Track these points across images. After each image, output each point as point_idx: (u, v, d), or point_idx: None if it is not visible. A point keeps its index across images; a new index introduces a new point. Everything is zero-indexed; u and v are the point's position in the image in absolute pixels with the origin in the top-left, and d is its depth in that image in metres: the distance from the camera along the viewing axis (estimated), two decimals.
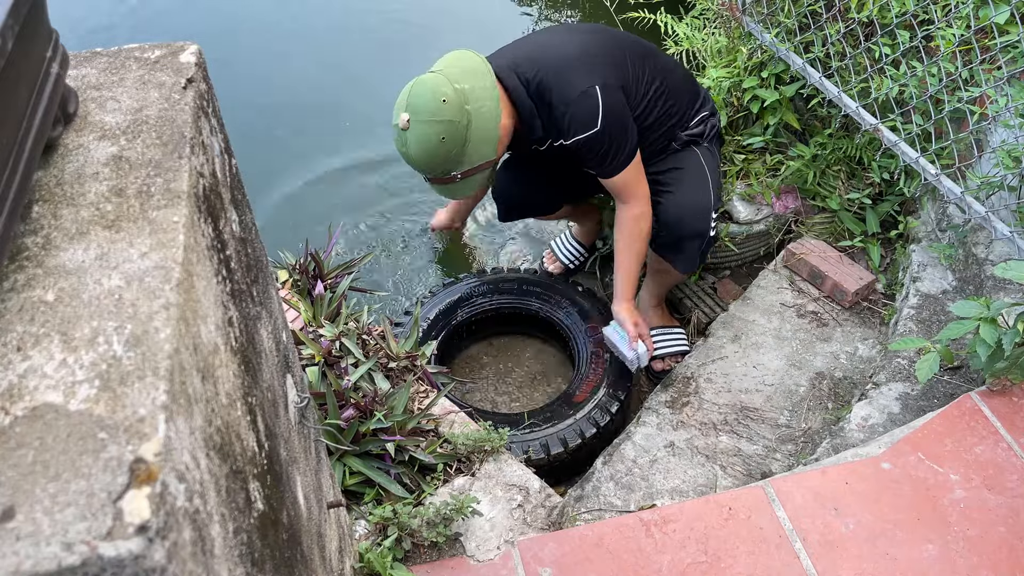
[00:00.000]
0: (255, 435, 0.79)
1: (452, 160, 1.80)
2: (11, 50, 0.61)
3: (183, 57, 0.82)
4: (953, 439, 1.59)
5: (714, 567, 1.44)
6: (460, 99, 1.76)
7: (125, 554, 0.49)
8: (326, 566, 1.12)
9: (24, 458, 0.52)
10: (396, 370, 1.81)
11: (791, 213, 2.42)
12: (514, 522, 1.57)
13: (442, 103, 1.74)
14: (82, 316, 0.60)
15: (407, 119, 1.75)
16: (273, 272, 1.80)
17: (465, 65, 1.81)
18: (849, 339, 2.11)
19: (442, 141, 1.76)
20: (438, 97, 1.74)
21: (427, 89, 1.76)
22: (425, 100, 1.75)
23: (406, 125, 1.76)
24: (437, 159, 1.79)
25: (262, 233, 1.01)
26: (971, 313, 1.58)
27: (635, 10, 2.85)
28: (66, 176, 0.71)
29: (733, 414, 1.97)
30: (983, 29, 1.94)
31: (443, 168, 1.81)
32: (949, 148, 1.98)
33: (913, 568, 1.41)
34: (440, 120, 1.75)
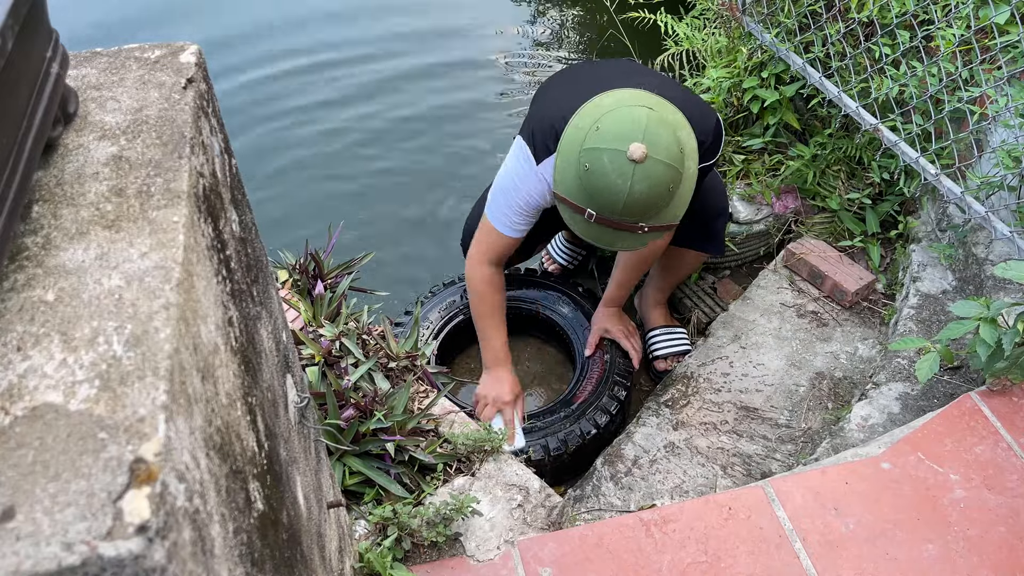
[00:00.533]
0: (255, 435, 0.79)
1: (658, 211, 1.61)
2: (11, 50, 0.61)
3: (183, 57, 0.82)
4: (953, 439, 1.59)
5: (714, 567, 1.44)
6: (684, 152, 1.62)
7: (125, 554, 0.49)
8: (326, 566, 1.12)
9: (24, 458, 0.52)
10: (396, 370, 1.81)
11: (791, 213, 2.42)
12: (514, 522, 1.57)
13: (679, 151, 1.59)
14: (82, 316, 0.60)
15: (645, 152, 1.53)
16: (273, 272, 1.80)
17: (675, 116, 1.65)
18: (849, 339, 2.11)
19: (669, 190, 1.59)
20: (677, 143, 1.59)
21: (667, 130, 1.57)
22: (667, 142, 1.56)
23: (643, 158, 1.53)
24: (654, 205, 1.60)
25: (262, 233, 1.01)
26: (971, 313, 1.58)
27: (635, 10, 2.85)
28: (66, 176, 0.71)
29: (733, 414, 1.97)
30: (983, 29, 1.94)
31: (645, 216, 1.61)
32: (949, 148, 1.98)
33: (913, 568, 1.41)
34: (675, 167, 1.57)
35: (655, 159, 1.54)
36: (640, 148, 1.53)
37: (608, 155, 1.55)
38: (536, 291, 2.35)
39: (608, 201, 1.58)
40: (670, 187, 1.58)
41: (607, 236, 1.66)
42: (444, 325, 2.27)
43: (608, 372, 2.15)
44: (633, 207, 1.58)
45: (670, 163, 1.56)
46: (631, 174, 1.54)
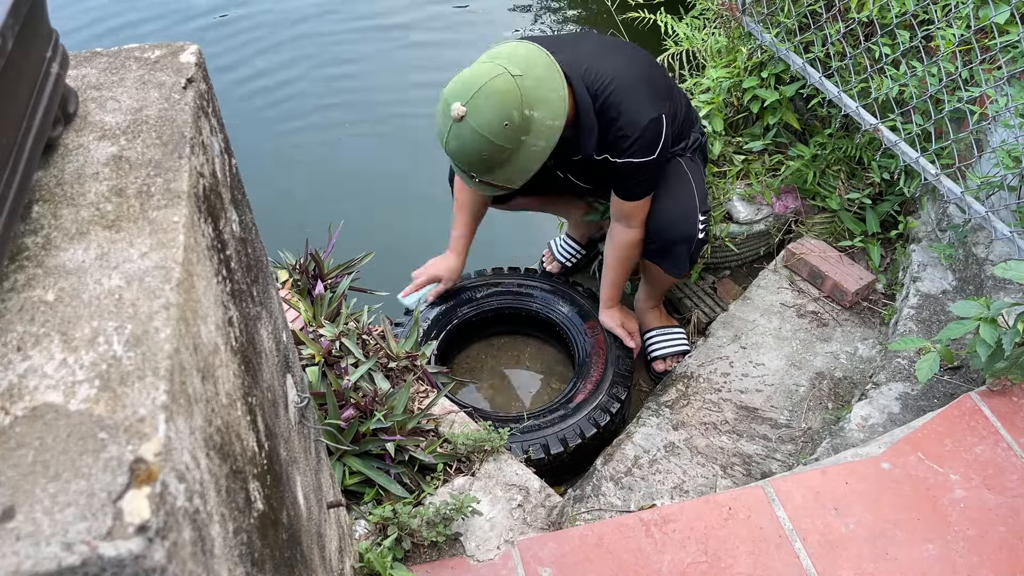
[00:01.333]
0: (255, 435, 0.79)
1: (480, 169, 1.75)
2: (11, 50, 0.61)
3: (183, 57, 0.82)
4: (953, 439, 1.59)
5: (714, 567, 1.44)
6: (522, 128, 1.69)
7: (125, 554, 0.49)
8: (326, 566, 1.12)
9: (24, 458, 0.52)
10: (396, 370, 1.81)
11: (791, 213, 2.42)
12: (514, 522, 1.57)
13: (503, 127, 1.67)
14: (82, 316, 0.60)
15: (461, 114, 1.66)
16: (273, 272, 1.80)
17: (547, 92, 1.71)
18: (849, 339, 2.11)
19: (481, 156, 1.71)
20: (502, 119, 1.66)
21: (497, 103, 1.66)
22: (489, 113, 1.66)
23: (458, 118, 1.66)
24: (468, 162, 1.74)
25: (262, 233, 1.01)
26: (971, 313, 1.58)
27: (635, 10, 2.85)
28: (66, 176, 0.71)
29: (733, 414, 1.97)
30: (983, 29, 1.94)
31: (468, 167, 1.77)
32: (949, 148, 1.98)
33: (913, 568, 1.41)
34: (491, 140, 1.67)
35: (469, 124, 1.66)
36: (459, 110, 1.66)
37: (442, 104, 1.72)
38: (536, 290, 2.35)
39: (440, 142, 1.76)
40: (483, 155, 1.69)
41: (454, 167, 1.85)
42: (444, 325, 2.27)
43: (606, 372, 2.15)
44: (453, 156, 1.75)
45: (483, 134, 1.66)
46: (448, 129, 1.70)
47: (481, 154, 1.70)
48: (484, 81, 1.66)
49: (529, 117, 1.68)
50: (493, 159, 1.71)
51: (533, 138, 1.70)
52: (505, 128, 1.66)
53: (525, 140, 1.70)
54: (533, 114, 1.68)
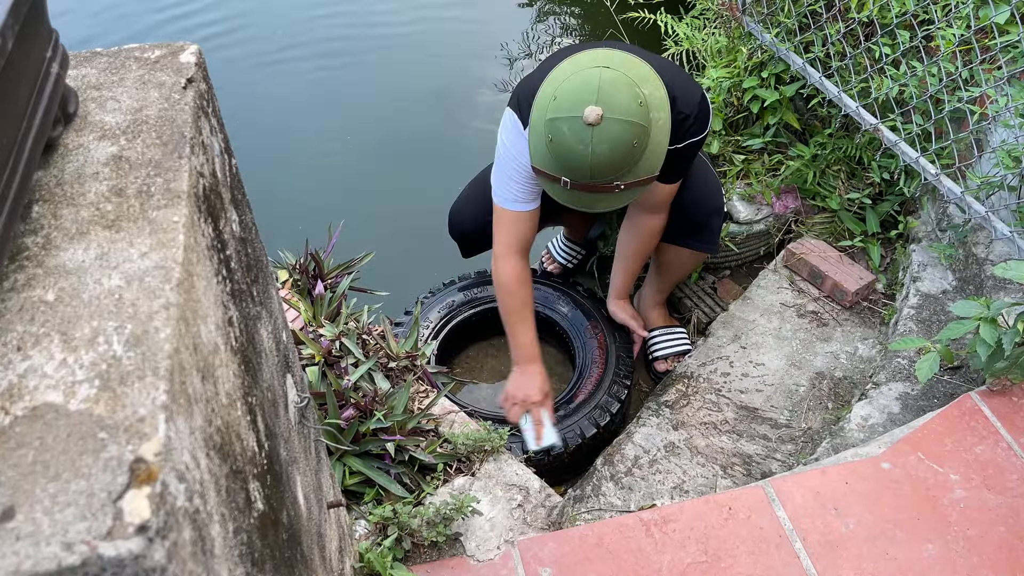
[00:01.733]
0: (255, 435, 0.79)
1: (628, 168, 1.64)
2: (11, 50, 0.61)
3: (183, 57, 0.82)
4: (953, 439, 1.59)
5: (714, 567, 1.44)
6: (648, 104, 1.63)
7: (125, 554, 0.49)
8: (326, 566, 1.12)
9: (24, 458, 0.52)
10: (396, 370, 1.81)
11: (791, 213, 2.42)
12: (514, 522, 1.57)
13: (638, 105, 1.60)
14: (82, 316, 0.60)
15: (600, 114, 1.56)
16: (273, 272, 1.80)
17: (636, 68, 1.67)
18: (849, 339, 2.11)
19: (634, 146, 1.60)
20: (635, 98, 1.60)
21: (623, 87, 1.60)
22: (623, 98, 1.59)
23: (598, 120, 1.56)
24: (622, 163, 1.62)
25: (262, 233, 1.01)
26: (971, 313, 1.58)
27: (635, 10, 2.85)
28: (66, 176, 0.71)
29: (733, 414, 1.97)
30: (983, 29, 1.94)
31: (616, 175, 1.63)
32: (949, 148, 1.98)
33: (913, 568, 1.41)
34: (636, 122, 1.59)
35: (612, 119, 1.57)
36: (594, 111, 1.56)
37: (567, 124, 1.59)
38: (536, 291, 2.35)
39: (576, 166, 1.61)
40: (634, 143, 1.60)
41: (586, 199, 1.70)
42: (444, 325, 2.27)
43: (606, 371, 2.15)
44: (600, 168, 1.61)
45: (629, 119, 1.58)
46: (590, 138, 1.58)
47: (632, 143, 1.60)
48: (596, 80, 1.60)
49: (645, 93, 1.63)
50: (639, 146, 1.62)
51: (656, 112, 1.64)
52: (640, 107, 1.61)
53: (653, 116, 1.63)
54: (645, 91, 1.64)
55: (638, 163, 1.64)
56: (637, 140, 1.60)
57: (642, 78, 1.64)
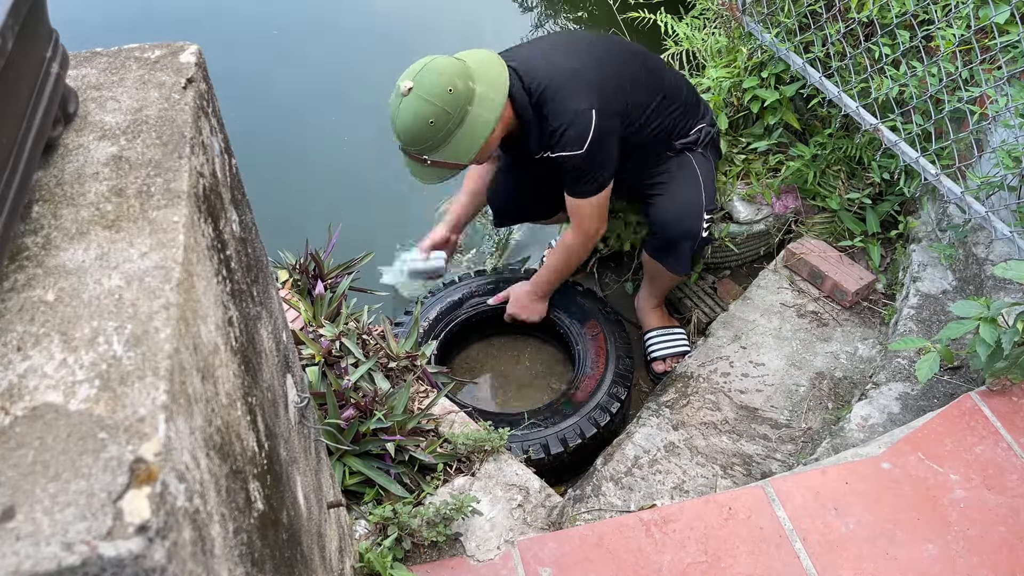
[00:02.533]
0: (255, 435, 0.79)
1: (429, 146, 1.83)
2: (11, 50, 0.61)
3: (183, 57, 0.82)
4: (953, 439, 1.59)
5: (714, 567, 1.44)
6: (466, 98, 1.80)
7: (125, 554, 0.49)
8: (326, 566, 1.12)
9: (24, 458, 0.52)
10: (396, 370, 1.80)
11: (791, 213, 2.42)
12: (514, 522, 1.57)
13: (447, 92, 1.78)
14: (82, 316, 0.60)
15: (409, 87, 1.79)
16: (273, 272, 1.80)
17: (488, 70, 1.85)
18: (849, 339, 2.11)
19: (429, 124, 1.79)
20: (446, 84, 1.78)
21: (440, 71, 1.79)
22: (433, 80, 1.78)
23: (406, 92, 1.79)
24: (417, 137, 1.82)
25: (262, 233, 1.01)
26: (971, 313, 1.58)
27: (635, 10, 2.85)
28: (66, 176, 0.71)
29: (733, 414, 1.97)
30: (983, 29, 1.94)
31: (417, 147, 1.84)
32: (949, 148, 1.98)
33: (913, 568, 1.41)
34: (437, 105, 1.78)
35: (418, 95, 1.78)
36: (406, 84, 1.80)
37: (394, 89, 1.84)
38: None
39: (393, 128, 1.86)
40: (430, 121, 1.79)
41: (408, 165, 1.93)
42: (444, 325, 2.27)
43: (606, 371, 2.15)
44: (401, 135, 1.84)
45: (431, 100, 1.77)
46: (398, 105, 1.82)
47: (429, 121, 1.79)
48: (428, 60, 1.81)
49: (472, 89, 1.80)
50: (440, 127, 1.80)
51: (477, 108, 1.81)
52: (450, 93, 1.77)
53: (470, 110, 1.80)
54: (475, 87, 1.80)
55: (443, 145, 1.83)
56: (434, 120, 1.79)
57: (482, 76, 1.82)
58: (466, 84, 1.80)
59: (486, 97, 1.82)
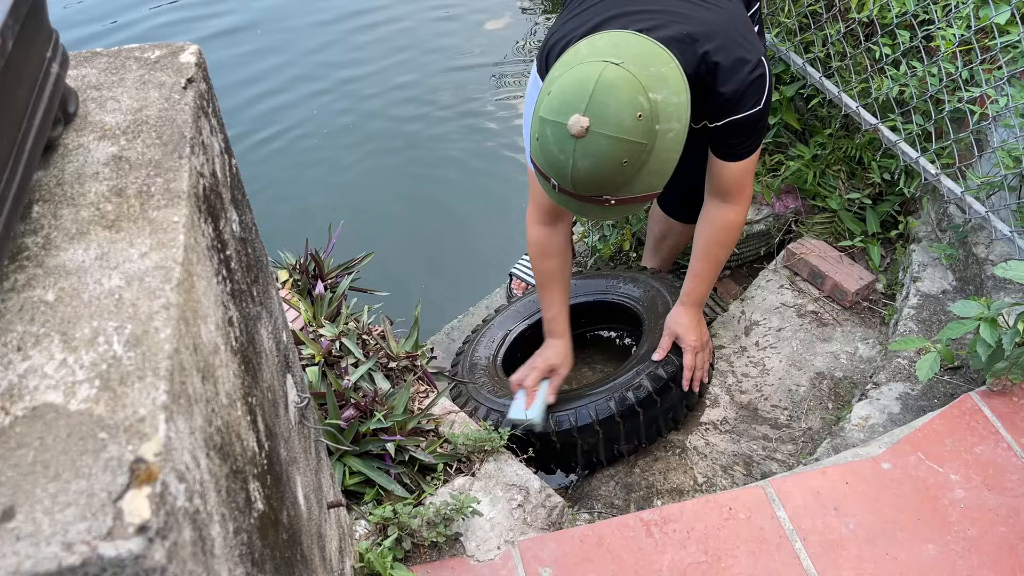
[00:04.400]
0: (255, 435, 0.79)
1: (618, 184, 1.41)
2: (11, 50, 0.61)
3: (183, 57, 0.82)
4: (953, 439, 1.59)
5: (714, 567, 1.44)
6: (653, 116, 1.38)
7: (125, 554, 0.49)
8: (326, 566, 1.12)
9: (24, 458, 0.52)
10: (396, 370, 1.80)
11: (791, 213, 2.42)
12: (514, 522, 1.57)
13: (635, 119, 1.36)
14: (82, 316, 0.60)
15: (585, 127, 1.35)
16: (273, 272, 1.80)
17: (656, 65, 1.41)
18: (849, 339, 2.11)
19: (623, 164, 1.38)
20: (634, 110, 1.35)
21: (621, 96, 1.35)
22: (617, 110, 1.35)
23: (582, 133, 1.35)
24: (606, 183, 1.41)
25: (262, 233, 1.01)
26: (971, 313, 1.58)
27: None
28: (66, 176, 0.71)
29: (733, 414, 1.97)
30: (983, 29, 1.94)
31: (602, 191, 1.42)
32: (949, 148, 1.98)
33: (913, 568, 1.41)
34: (629, 140, 1.36)
35: (598, 133, 1.35)
36: (579, 123, 1.35)
37: (551, 128, 1.39)
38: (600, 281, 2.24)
39: (558, 176, 1.43)
40: (623, 161, 1.38)
41: (573, 206, 1.50)
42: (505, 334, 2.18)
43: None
44: (582, 183, 1.41)
45: (619, 136, 1.35)
46: (572, 150, 1.38)
47: (621, 162, 1.38)
48: (594, 81, 1.35)
49: (655, 101, 1.38)
50: (632, 164, 1.39)
51: (666, 124, 1.40)
52: (640, 120, 1.36)
53: (659, 128, 1.39)
54: (657, 97, 1.39)
55: (632, 181, 1.42)
56: (628, 159, 1.38)
57: (656, 79, 1.40)
58: (649, 98, 1.37)
59: (670, 104, 1.40)
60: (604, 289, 2.20)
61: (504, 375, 2.04)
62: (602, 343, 2.32)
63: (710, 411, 1.99)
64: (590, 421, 1.82)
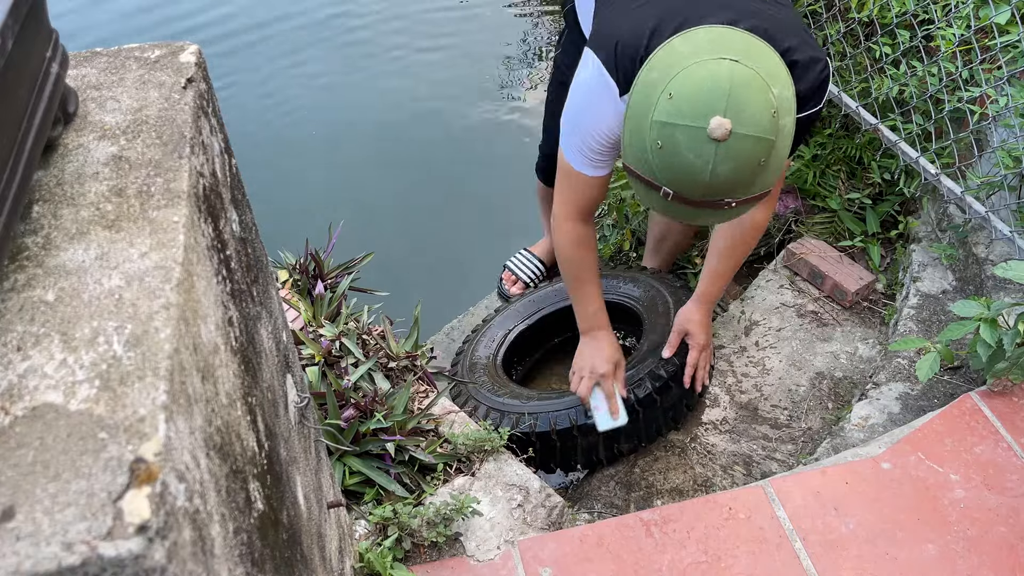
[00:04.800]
0: (255, 435, 0.79)
1: (748, 185, 1.36)
2: (11, 50, 0.61)
3: (183, 57, 0.82)
4: (953, 439, 1.59)
5: (714, 567, 1.44)
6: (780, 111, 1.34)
7: (125, 554, 0.49)
8: (326, 566, 1.12)
9: (24, 458, 0.52)
10: (396, 370, 1.80)
11: (791, 213, 2.42)
12: (514, 522, 1.57)
13: (771, 116, 1.31)
14: (82, 316, 0.60)
15: (728, 129, 1.27)
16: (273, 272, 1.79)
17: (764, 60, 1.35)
18: (849, 339, 2.11)
19: (760, 164, 1.33)
20: (768, 107, 1.30)
21: (756, 92, 1.30)
22: (756, 109, 1.29)
23: (726, 136, 1.27)
24: (742, 183, 1.35)
25: (262, 233, 1.01)
26: (971, 313, 1.58)
27: None
28: (66, 176, 0.71)
29: (733, 414, 1.97)
30: (983, 29, 1.94)
31: (732, 193, 1.36)
32: (949, 148, 1.98)
33: (913, 568, 1.41)
34: (767, 138, 1.31)
35: (741, 134, 1.28)
36: (723, 125, 1.27)
37: (685, 133, 1.30)
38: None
39: (688, 182, 1.33)
40: (761, 161, 1.32)
41: (685, 213, 1.42)
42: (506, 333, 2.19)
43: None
44: (718, 188, 1.34)
45: (760, 135, 1.29)
46: (713, 155, 1.29)
47: (759, 162, 1.33)
48: (727, 82, 1.29)
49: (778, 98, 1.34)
50: (767, 163, 1.35)
51: (786, 117, 1.35)
52: (773, 117, 1.31)
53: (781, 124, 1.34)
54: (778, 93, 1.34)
55: (754, 182, 1.36)
56: (765, 157, 1.33)
57: (771, 75, 1.33)
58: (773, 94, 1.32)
59: (785, 98, 1.35)
60: (604, 289, 2.19)
61: (504, 375, 2.05)
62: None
63: (710, 411, 1.99)
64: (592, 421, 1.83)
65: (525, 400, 1.92)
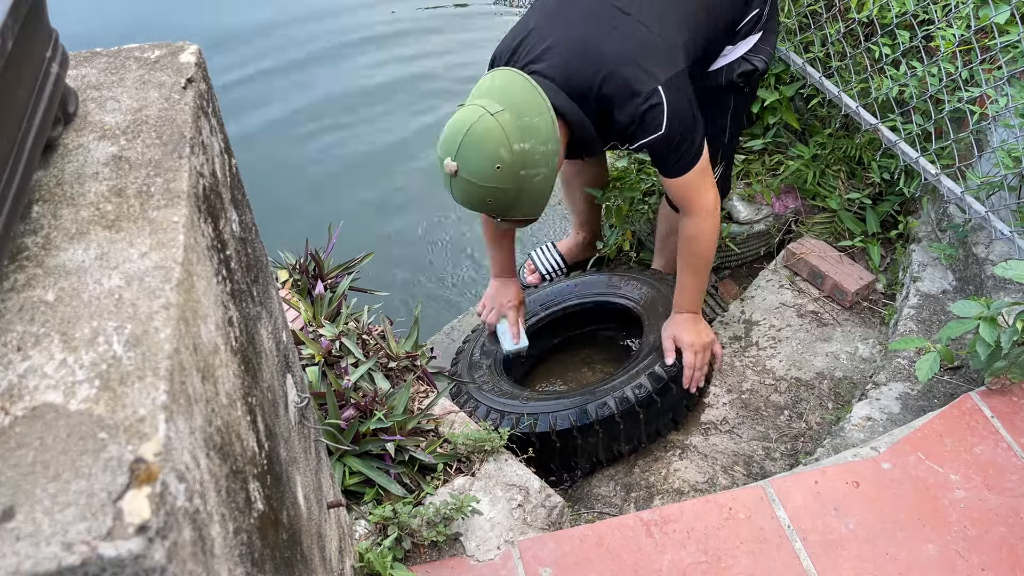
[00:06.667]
0: (255, 435, 0.79)
1: (492, 212, 1.70)
2: (11, 50, 0.61)
3: (183, 57, 0.82)
4: (953, 439, 1.59)
5: (714, 567, 1.44)
6: (516, 165, 1.60)
7: (125, 554, 0.49)
8: (326, 566, 1.12)
9: (24, 458, 0.52)
10: (396, 370, 1.80)
11: (791, 213, 2.42)
12: (514, 522, 1.57)
13: (495, 170, 1.59)
14: (82, 316, 0.60)
15: (455, 169, 1.60)
16: (273, 272, 1.79)
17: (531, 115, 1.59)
18: (849, 339, 2.11)
19: (487, 203, 1.65)
20: (492, 163, 1.58)
21: (482, 149, 1.57)
22: (478, 163, 1.58)
23: (453, 174, 1.61)
24: (482, 209, 1.70)
25: (262, 233, 1.01)
26: (971, 313, 1.58)
27: None
28: (66, 176, 0.71)
29: (733, 414, 1.97)
30: (983, 29, 1.94)
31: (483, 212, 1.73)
32: (949, 148, 1.98)
33: (913, 568, 1.41)
34: (489, 186, 1.60)
35: (466, 179, 1.60)
36: (451, 166, 1.60)
37: (438, 160, 1.65)
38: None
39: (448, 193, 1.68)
40: (488, 200, 1.63)
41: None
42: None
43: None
44: (465, 206, 1.69)
45: (483, 184, 1.60)
46: (449, 182, 1.64)
47: (487, 201, 1.64)
48: (465, 129, 1.58)
49: (520, 151, 1.59)
50: (500, 202, 1.64)
51: (532, 170, 1.62)
52: (499, 171, 1.59)
53: (524, 174, 1.61)
54: (524, 146, 1.59)
55: (509, 211, 1.67)
56: (492, 199, 1.63)
57: (528, 129, 1.59)
58: (511, 150, 1.58)
59: (536, 152, 1.61)
60: (604, 290, 2.21)
61: (504, 374, 2.06)
62: (602, 343, 2.32)
63: (710, 411, 1.99)
64: (590, 421, 1.83)
65: (525, 400, 1.92)
